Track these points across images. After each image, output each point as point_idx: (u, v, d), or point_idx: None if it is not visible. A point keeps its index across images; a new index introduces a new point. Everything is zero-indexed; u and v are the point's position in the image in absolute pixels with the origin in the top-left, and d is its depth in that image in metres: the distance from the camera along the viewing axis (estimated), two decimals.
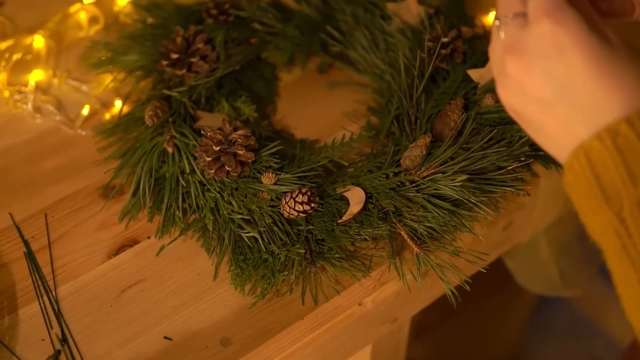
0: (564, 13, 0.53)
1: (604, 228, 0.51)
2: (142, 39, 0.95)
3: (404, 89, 0.87)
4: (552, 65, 0.53)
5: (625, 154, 0.49)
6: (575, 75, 0.52)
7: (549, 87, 0.53)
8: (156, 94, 0.90)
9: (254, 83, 0.95)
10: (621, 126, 0.50)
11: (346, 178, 0.82)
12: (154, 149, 0.85)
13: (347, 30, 0.96)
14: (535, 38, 0.54)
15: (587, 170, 0.51)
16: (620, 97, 0.51)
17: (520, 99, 0.56)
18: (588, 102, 0.52)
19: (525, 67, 0.54)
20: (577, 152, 0.52)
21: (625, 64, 0.52)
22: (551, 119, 0.54)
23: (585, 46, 0.52)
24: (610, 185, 0.50)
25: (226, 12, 0.96)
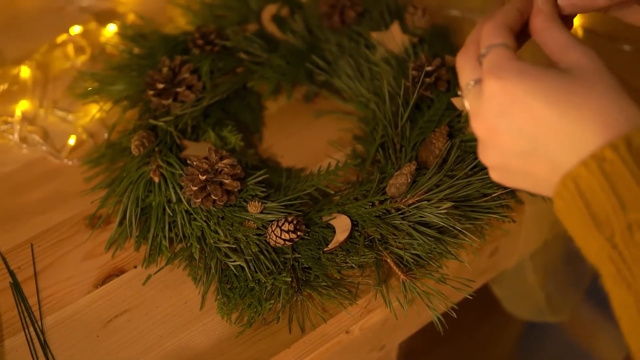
0: (508, 68, 0.55)
1: (598, 254, 0.52)
2: (129, 69, 0.96)
3: (389, 117, 0.88)
4: (515, 118, 0.54)
5: (612, 180, 0.50)
6: (541, 118, 0.53)
7: (520, 140, 0.55)
8: (142, 123, 0.90)
9: (240, 112, 0.96)
10: (606, 152, 0.50)
11: (332, 206, 0.82)
12: (141, 178, 0.85)
13: (332, 60, 0.97)
14: (490, 99, 0.56)
15: (576, 197, 0.52)
16: (597, 125, 0.51)
17: (500, 159, 0.58)
18: (565, 138, 0.52)
19: (491, 130, 0.56)
20: (564, 180, 0.52)
21: (593, 93, 0.52)
22: (537, 165, 0.55)
23: (539, 89, 0.53)
24: (600, 211, 0.51)
25: (212, 42, 0.96)
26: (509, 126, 0.55)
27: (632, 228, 0.49)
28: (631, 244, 0.49)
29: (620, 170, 0.50)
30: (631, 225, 0.49)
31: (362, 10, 0.99)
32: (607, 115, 0.51)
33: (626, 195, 0.50)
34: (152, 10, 1.09)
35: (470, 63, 0.60)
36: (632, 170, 0.49)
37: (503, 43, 0.58)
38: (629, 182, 0.49)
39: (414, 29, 0.97)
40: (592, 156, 0.50)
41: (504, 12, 0.61)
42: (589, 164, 0.51)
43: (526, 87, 0.54)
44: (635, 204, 0.49)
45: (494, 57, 0.57)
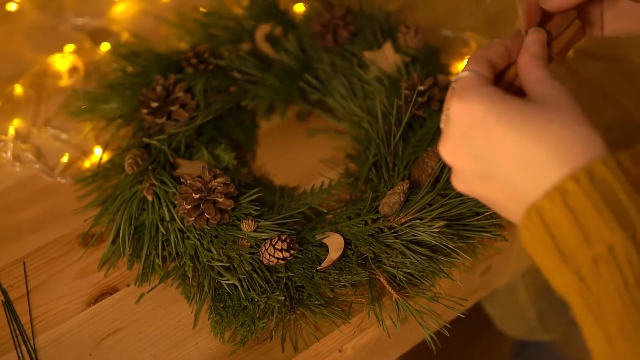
0: (471, 90, 0.56)
1: (566, 287, 0.51)
2: (122, 87, 0.96)
3: (382, 136, 0.88)
4: (473, 140, 0.55)
5: (576, 213, 0.50)
6: (498, 141, 0.54)
7: (479, 163, 0.56)
8: (136, 142, 0.90)
9: (234, 131, 0.96)
10: (568, 184, 0.50)
11: (325, 225, 0.82)
12: (134, 196, 0.85)
13: (325, 79, 0.98)
14: (453, 122, 0.57)
15: (542, 230, 0.51)
16: (556, 154, 0.51)
17: (465, 183, 0.59)
18: (522, 165, 0.53)
19: (453, 151, 0.58)
20: (529, 212, 0.52)
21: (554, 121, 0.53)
22: (496, 191, 0.56)
23: (498, 112, 0.54)
24: (566, 245, 0.50)
25: (206, 61, 0.97)
26: (468, 148, 0.56)
27: (597, 261, 0.49)
28: (598, 277, 0.49)
29: (583, 203, 0.50)
30: (596, 258, 0.49)
31: (355, 30, 1.00)
32: (568, 145, 0.51)
33: (590, 228, 0.49)
34: (145, 28, 1.09)
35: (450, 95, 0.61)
36: (594, 202, 0.49)
37: (475, 70, 0.59)
38: (592, 214, 0.49)
39: (406, 48, 0.98)
40: (555, 188, 0.50)
41: (488, 46, 0.62)
42: (552, 196, 0.51)
43: (486, 110, 0.54)
44: (599, 237, 0.49)
45: (462, 82, 0.58)
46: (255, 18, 1.03)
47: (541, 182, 0.52)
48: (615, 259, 0.49)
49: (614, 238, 0.49)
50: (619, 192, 0.49)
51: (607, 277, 0.49)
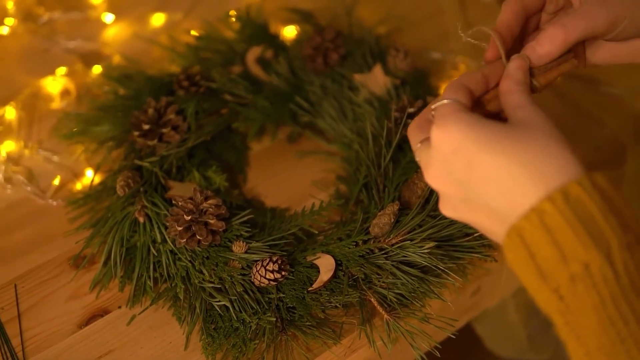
0: (449, 117, 0.57)
1: (547, 304, 0.52)
2: (114, 109, 0.96)
3: (372, 158, 0.89)
4: (454, 166, 0.56)
5: (553, 232, 0.51)
6: (477, 165, 0.55)
7: (460, 188, 0.57)
8: (127, 164, 0.91)
9: (225, 152, 0.97)
10: (545, 205, 0.51)
11: (316, 246, 0.83)
12: (125, 218, 0.85)
13: (315, 101, 0.98)
14: (434, 149, 0.58)
15: (522, 250, 0.52)
16: (533, 175, 0.52)
17: (451, 208, 0.60)
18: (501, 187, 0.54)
19: (436, 177, 0.59)
20: (510, 234, 0.53)
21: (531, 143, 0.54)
22: (479, 214, 0.57)
23: (476, 137, 0.55)
24: (544, 264, 0.51)
25: (197, 83, 0.97)
26: (450, 174, 0.57)
27: (574, 279, 0.50)
28: (575, 295, 0.50)
29: (559, 222, 0.51)
30: (573, 276, 0.50)
31: (345, 53, 1.01)
32: (544, 166, 0.53)
33: (566, 247, 0.50)
34: (137, 51, 1.10)
35: (419, 126, 0.63)
36: (569, 222, 0.50)
37: (454, 98, 0.60)
38: (568, 234, 0.50)
39: (396, 71, 0.99)
40: (533, 209, 0.52)
41: (466, 74, 0.64)
42: (530, 217, 0.52)
43: (465, 136, 0.55)
44: (574, 256, 0.50)
45: (441, 109, 0.59)
46: (247, 41, 1.04)
47: (520, 203, 0.53)
48: (591, 277, 0.50)
49: (589, 256, 0.50)
50: (593, 211, 0.51)
51: (584, 294, 0.50)
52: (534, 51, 0.64)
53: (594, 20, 0.63)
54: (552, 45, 0.64)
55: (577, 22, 0.63)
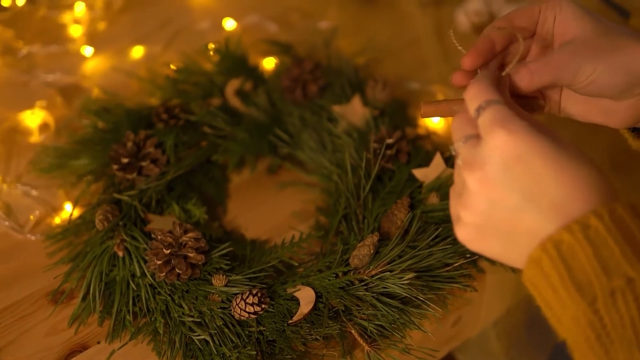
0: (514, 123, 0.56)
1: (575, 319, 0.52)
2: (93, 143, 0.96)
3: (351, 189, 0.89)
4: (514, 172, 0.55)
5: (596, 246, 0.51)
6: (538, 178, 0.54)
7: (514, 194, 0.55)
8: (107, 197, 0.90)
9: (205, 185, 0.97)
10: (591, 219, 0.52)
11: (296, 278, 0.83)
12: (105, 252, 0.85)
13: (295, 132, 0.99)
14: (492, 150, 0.56)
15: (557, 262, 0.53)
16: (583, 193, 0.53)
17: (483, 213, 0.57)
18: (553, 201, 0.54)
19: (487, 180, 0.56)
20: (544, 245, 0.53)
21: (578, 161, 0.54)
22: (517, 225, 0.56)
23: (541, 149, 0.54)
24: (582, 276, 0.52)
25: (176, 116, 0.97)
26: (508, 178, 0.55)
27: (614, 294, 0.51)
28: (613, 310, 0.51)
29: (604, 237, 0.51)
30: (614, 291, 0.51)
31: (324, 84, 1.01)
32: (594, 186, 0.53)
33: (610, 262, 0.51)
34: (116, 84, 1.10)
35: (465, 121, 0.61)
36: (615, 238, 0.51)
37: (499, 100, 0.58)
38: (613, 249, 0.51)
39: (374, 102, 0.99)
40: (577, 222, 0.52)
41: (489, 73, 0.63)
42: (573, 229, 0.52)
43: (532, 144, 0.54)
44: (618, 270, 0.51)
45: (497, 111, 0.57)
46: (226, 73, 1.04)
47: (563, 217, 0.53)
48: (633, 291, 0.50)
49: (634, 272, 0.51)
50: (635, 231, 0.52)
51: (624, 309, 0.50)
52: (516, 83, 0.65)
53: (562, 71, 0.64)
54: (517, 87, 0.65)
55: (544, 69, 0.64)
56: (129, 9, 1.27)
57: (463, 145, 0.59)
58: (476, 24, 1.19)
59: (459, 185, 0.60)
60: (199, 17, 1.25)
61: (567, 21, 0.67)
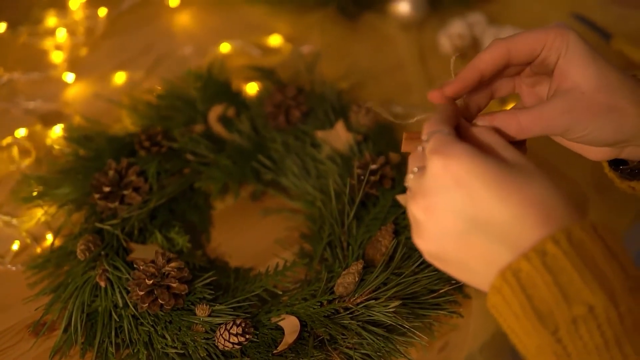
0: (451, 147, 0.56)
1: (539, 349, 0.52)
2: (74, 171, 0.95)
3: (335, 216, 0.89)
4: (455, 197, 0.55)
5: (555, 273, 0.51)
6: (480, 201, 0.54)
7: (459, 220, 0.55)
8: (88, 227, 0.89)
9: (188, 212, 0.96)
10: (548, 245, 0.51)
11: (281, 307, 0.82)
12: (86, 283, 0.84)
13: (278, 158, 0.98)
14: (432, 176, 0.56)
15: (517, 291, 0.52)
16: (537, 216, 0.52)
17: (436, 242, 0.57)
18: (503, 225, 0.53)
19: (430, 208, 0.56)
20: (504, 274, 0.53)
21: (535, 185, 0.53)
22: (471, 253, 0.55)
23: (482, 172, 0.54)
24: (543, 305, 0.51)
25: (158, 143, 0.97)
26: (449, 204, 0.55)
27: (576, 322, 0.50)
28: (576, 338, 0.50)
29: (563, 263, 0.51)
30: (576, 319, 0.50)
31: (307, 110, 1.01)
32: (548, 207, 0.53)
33: (569, 289, 0.50)
34: (98, 111, 1.09)
35: (416, 154, 0.61)
36: (574, 263, 0.50)
37: (443, 130, 0.58)
38: (572, 275, 0.50)
39: (358, 127, 0.99)
40: (534, 250, 0.51)
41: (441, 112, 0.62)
42: (531, 257, 0.51)
43: (469, 167, 0.54)
44: (579, 298, 0.50)
45: (437, 139, 0.57)
46: (208, 99, 1.04)
47: (519, 243, 0.52)
48: (595, 318, 0.50)
49: (595, 298, 0.50)
50: (596, 254, 0.51)
51: (587, 337, 0.50)
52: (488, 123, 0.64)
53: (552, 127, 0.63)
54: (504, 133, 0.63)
55: (534, 123, 0.62)
56: (111, 35, 1.26)
57: (412, 177, 0.59)
58: (459, 47, 1.19)
59: (412, 217, 0.59)
60: (182, 43, 1.24)
61: (570, 66, 0.64)
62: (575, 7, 1.27)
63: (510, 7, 1.28)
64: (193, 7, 1.32)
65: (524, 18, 1.25)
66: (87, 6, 1.29)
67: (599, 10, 1.26)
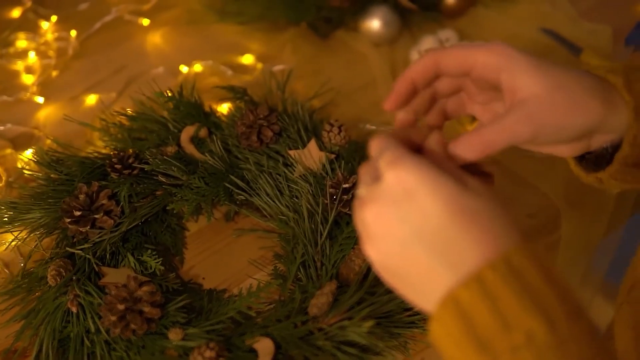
0: (404, 160, 0.56)
1: None
2: (45, 196, 0.94)
3: (309, 236, 0.88)
4: (404, 208, 0.55)
5: (494, 301, 0.51)
6: (428, 215, 0.54)
7: (405, 228, 0.55)
8: (60, 251, 0.89)
9: (161, 235, 0.95)
10: (486, 273, 0.51)
11: (255, 329, 0.81)
12: (58, 309, 0.83)
13: (251, 178, 0.98)
14: (385, 188, 0.56)
15: (458, 320, 0.52)
16: (480, 239, 0.53)
17: (383, 248, 0.57)
18: (447, 242, 0.53)
19: (379, 214, 0.56)
20: (446, 303, 0.53)
21: (482, 207, 0.54)
22: (414, 266, 0.55)
23: (433, 187, 0.54)
24: (484, 333, 0.51)
25: (130, 165, 0.96)
26: (398, 213, 0.55)
27: (517, 350, 0.50)
28: None
29: (501, 291, 0.51)
30: (515, 347, 0.50)
31: (279, 129, 1.01)
32: (493, 232, 0.53)
33: (509, 316, 0.50)
34: (69, 134, 1.08)
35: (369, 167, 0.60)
36: (513, 290, 0.51)
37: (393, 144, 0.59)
38: (511, 302, 0.50)
39: (330, 145, 0.99)
40: (473, 278, 0.51)
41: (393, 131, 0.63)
42: (470, 285, 0.51)
43: (422, 181, 0.54)
44: (518, 325, 0.50)
45: (390, 153, 0.58)
46: (180, 120, 1.03)
47: (461, 265, 0.52)
48: (535, 346, 0.49)
49: (534, 324, 0.50)
50: (535, 280, 0.51)
51: None
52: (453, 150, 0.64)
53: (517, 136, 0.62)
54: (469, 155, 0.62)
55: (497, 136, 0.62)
56: (83, 56, 1.26)
57: (365, 188, 0.59)
58: None
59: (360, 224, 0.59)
60: (154, 63, 1.24)
61: (516, 79, 0.63)
62: (545, 22, 1.28)
63: (480, 23, 1.29)
64: (165, 27, 1.32)
65: (494, 34, 1.25)
66: (58, 28, 1.29)
67: (568, 25, 1.28)
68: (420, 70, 0.68)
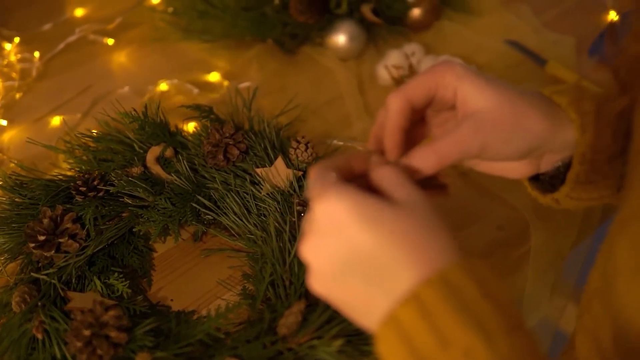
0: (329, 192, 0.56)
1: None
2: (9, 220, 0.93)
3: (277, 254, 0.88)
4: (332, 240, 0.55)
5: (432, 318, 0.51)
6: (357, 245, 0.54)
7: (335, 263, 0.55)
8: (24, 277, 0.87)
9: (128, 257, 0.94)
10: (423, 291, 0.51)
11: (224, 350, 0.81)
12: (23, 336, 0.82)
13: (218, 198, 0.97)
14: (315, 221, 0.57)
15: (399, 340, 0.52)
16: (413, 258, 0.53)
17: (321, 282, 0.58)
18: (379, 270, 0.53)
19: (312, 249, 0.57)
20: (387, 323, 0.53)
21: (414, 225, 0.54)
22: (351, 293, 0.56)
23: (359, 213, 0.54)
24: (424, 351, 0.51)
25: (95, 187, 0.95)
26: (327, 247, 0.56)
27: None
28: None
29: (438, 308, 0.51)
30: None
31: (246, 148, 1.00)
32: (426, 249, 0.53)
33: (446, 333, 0.50)
34: (33, 156, 1.07)
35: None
36: (450, 306, 0.51)
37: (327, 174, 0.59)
38: (448, 319, 0.50)
39: (298, 162, 0.99)
40: (411, 296, 0.51)
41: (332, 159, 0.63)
42: (408, 304, 0.51)
43: (347, 211, 0.55)
44: (456, 341, 0.50)
45: (318, 185, 0.58)
46: (146, 140, 1.02)
47: (397, 287, 0.52)
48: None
49: (472, 340, 0.50)
50: (472, 296, 0.51)
51: None
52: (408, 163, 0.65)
53: (468, 147, 0.65)
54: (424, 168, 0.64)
55: (449, 148, 0.64)
56: (47, 77, 1.25)
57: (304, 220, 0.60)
58: (397, 78, 1.20)
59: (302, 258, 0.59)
60: (119, 83, 1.23)
61: (467, 94, 0.67)
62: (509, 33, 1.29)
63: (445, 36, 1.30)
64: (130, 47, 1.31)
65: (459, 47, 1.26)
66: (22, 49, 1.28)
67: (533, 36, 1.29)
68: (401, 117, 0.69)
